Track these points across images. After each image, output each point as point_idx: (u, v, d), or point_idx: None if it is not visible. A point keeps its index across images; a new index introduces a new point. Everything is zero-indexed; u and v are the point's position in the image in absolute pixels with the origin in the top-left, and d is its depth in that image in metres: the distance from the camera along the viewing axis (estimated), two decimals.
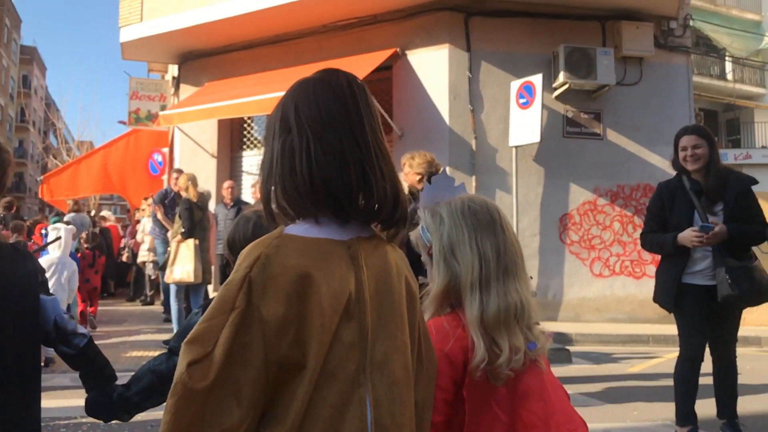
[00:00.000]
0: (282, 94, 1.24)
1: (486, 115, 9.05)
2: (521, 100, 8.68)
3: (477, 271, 1.44)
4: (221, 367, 1.01)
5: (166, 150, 13.20)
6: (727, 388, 3.85)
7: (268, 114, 1.23)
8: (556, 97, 9.12)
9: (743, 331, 3.93)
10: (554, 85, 9.01)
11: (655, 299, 3.98)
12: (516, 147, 8.78)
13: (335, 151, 1.12)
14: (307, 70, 1.24)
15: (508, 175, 8.91)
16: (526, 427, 1.40)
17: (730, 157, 20.43)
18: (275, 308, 1.03)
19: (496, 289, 1.44)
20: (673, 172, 4.03)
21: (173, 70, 12.37)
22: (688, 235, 3.67)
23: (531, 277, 1.61)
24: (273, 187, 1.15)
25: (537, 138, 8.49)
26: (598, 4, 9.16)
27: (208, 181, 10.01)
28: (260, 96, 8.43)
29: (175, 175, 8.60)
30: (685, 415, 3.77)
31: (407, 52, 9.22)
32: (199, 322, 1.05)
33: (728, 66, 23.06)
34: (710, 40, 21.69)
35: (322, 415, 1.05)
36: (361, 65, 8.70)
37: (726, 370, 3.85)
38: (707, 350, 3.85)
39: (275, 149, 1.16)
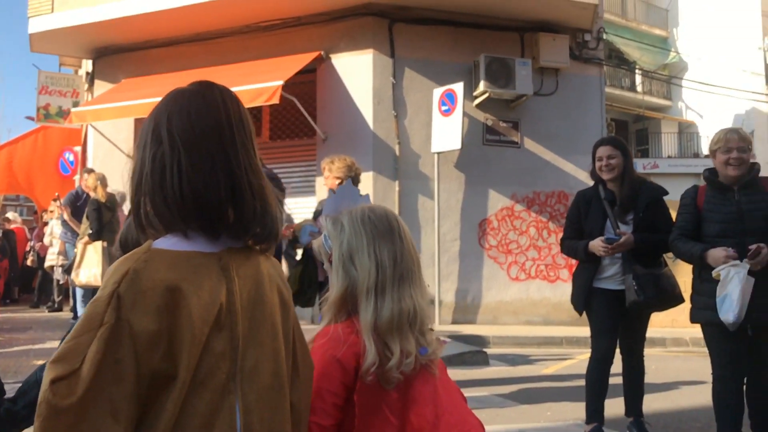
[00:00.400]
0: None
1: (409, 120, 9.15)
2: (443, 108, 8.83)
3: (374, 276, 1.50)
4: (90, 383, 0.99)
5: (78, 149, 12.62)
6: (634, 387, 4.04)
7: None
8: (477, 106, 9.33)
9: (648, 332, 4.13)
10: (475, 94, 9.21)
11: (571, 301, 4.15)
12: (438, 153, 8.92)
13: (205, 166, 1.13)
14: (230, 70, 1.23)
15: (431, 180, 9.03)
16: (414, 430, 1.46)
17: (639, 166, 21.45)
18: (146, 322, 1.03)
19: (391, 294, 1.50)
20: (586, 179, 4.20)
21: (87, 65, 11.85)
22: (596, 245, 3.84)
23: (428, 285, 1.68)
24: (142, 199, 1.16)
25: (458, 145, 8.66)
26: (517, 16, 9.43)
27: (124, 183, 9.63)
28: None
29: (85, 175, 8.25)
30: (592, 412, 3.93)
31: (331, 55, 9.19)
32: (65, 341, 1.03)
33: (638, 78, 24.26)
34: (622, 53, 22.73)
35: (192, 423, 1.06)
36: (284, 67, 8.62)
37: (634, 370, 4.04)
38: (618, 351, 4.04)
39: (146, 160, 1.16)
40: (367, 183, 8.30)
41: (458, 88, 8.68)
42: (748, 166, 3.48)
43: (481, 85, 8.99)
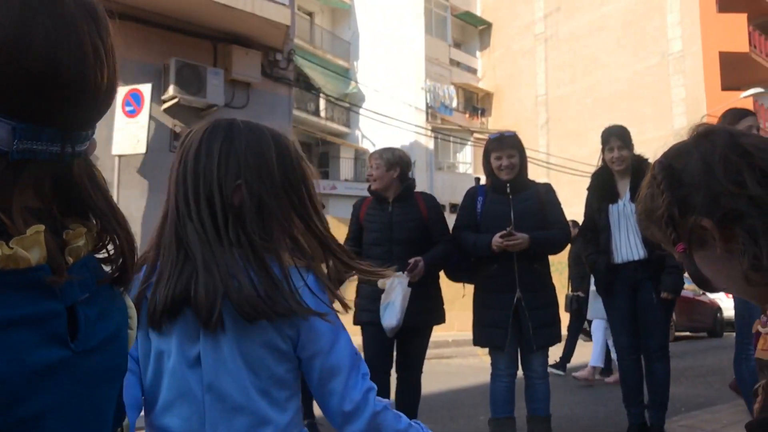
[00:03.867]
0: None
1: None
2: (127, 108, 8.29)
3: None
4: None
5: None
6: (307, 393, 4.26)
7: None
8: (165, 110, 8.96)
9: None
10: (163, 98, 8.84)
11: None
12: (119, 156, 8.33)
13: None
14: None
15: (109, 185, 8.35)
16: None
17: (321, 187, 22.81)
18: None
19: None
20: None
21: None
22: None
23: None
24: None
25: (143, 149, 8.20)
26: (211, 25, 9.34)
27: None
28: None
29: None
30: None
31: None
32: None
33: (322, 104, 25.94)
34: (308, 78, 24.07)
35: None
36: None
37: None
38: None
39: None
40: None
41: (146, 89, 8.24)
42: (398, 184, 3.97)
43: (171, 90, 8.67)
